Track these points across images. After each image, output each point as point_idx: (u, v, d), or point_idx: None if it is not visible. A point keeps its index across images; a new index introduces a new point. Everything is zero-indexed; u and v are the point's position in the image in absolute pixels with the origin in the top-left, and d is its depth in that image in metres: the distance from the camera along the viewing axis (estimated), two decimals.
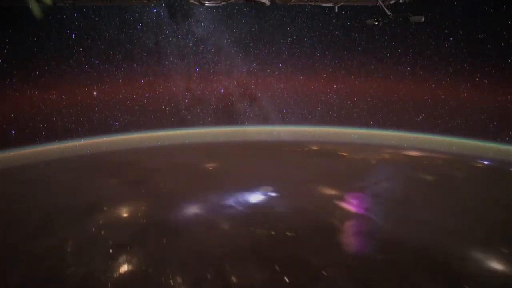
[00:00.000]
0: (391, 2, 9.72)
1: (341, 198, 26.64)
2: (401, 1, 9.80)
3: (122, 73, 49.58)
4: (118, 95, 50.70)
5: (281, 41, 51.57)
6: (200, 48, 50.40)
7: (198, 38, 49.22)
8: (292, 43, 51.77)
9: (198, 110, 53.52)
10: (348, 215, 23.91)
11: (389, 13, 9.67)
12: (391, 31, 48.21)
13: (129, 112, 52.08)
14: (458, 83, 48.03)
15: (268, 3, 8.65)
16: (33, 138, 49.80)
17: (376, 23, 9.87)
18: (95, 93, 49.85)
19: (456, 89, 48.44)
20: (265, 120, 54.29)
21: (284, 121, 54.24)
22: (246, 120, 53.95)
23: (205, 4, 8.24)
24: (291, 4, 8.83)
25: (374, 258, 17.73)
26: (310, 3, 9.14)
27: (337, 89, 52.77)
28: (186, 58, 50.50)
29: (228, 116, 54.35)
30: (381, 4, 9.49)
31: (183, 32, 49.81)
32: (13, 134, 47.83)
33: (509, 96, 45.20)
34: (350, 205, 25.44)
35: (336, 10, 9.79)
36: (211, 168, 41.01)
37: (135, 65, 48.70)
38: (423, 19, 10.08)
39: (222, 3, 8.37)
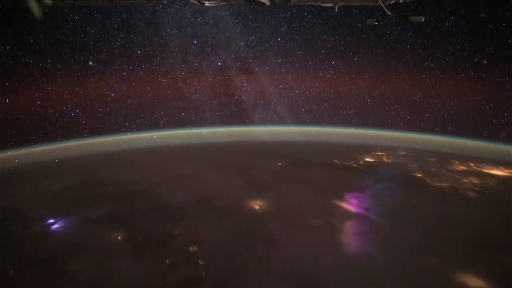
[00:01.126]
0: (391, 2, 9.67)
1: None
2: (401, 1, 9.73)
3: (118, 43, 48.89)
4: (114, 65, 50.20)
5: (280, 15, 50.76)
6: (198, 19, 49.60)
7: (196, 10, 48.30)
8: (291, 18, 50.99)
9: (195, 83, 53.22)
10: None
11: (389, 13, 9.62)
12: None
13: (125, 83, 51.72)
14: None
15: (268, 3, 8.60)
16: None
17: (376, 23, 9.82)
18: (90, 62, 49.26)
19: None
20: (262, 94, 54.14)
21: (281, 96, 54.18)
22: (242, 94, 53.81)
23: (205, 4, 8.19)
24: (291, 4, 8.77)
25: None
26: (310, 3, 9.09)
27: (335, 65, 52.49)
28: (184, 29, 49.72)
29: (225, 90, 54.16)
30: (381, 4, 9.44)
31: (180, 3, 48.82)
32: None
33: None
34: None
35: (336, 10, 9.73)
36: None
37: (131, 35, 47.92)
38: (423, 19, 10.00)
39: (222, 3, 8.32)
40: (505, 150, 46.27)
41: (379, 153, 43.93)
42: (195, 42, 50.83)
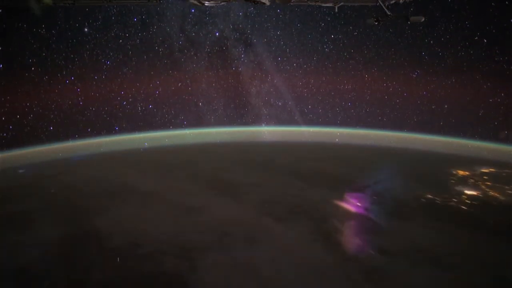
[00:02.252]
0: (391, 2, 9.62)
1: None
2: (401, 1, 9.68)
3: (114, 10, 47.81)
4: (110, 33, 49.28)
5: None
6: None
7: None
8: None
9: (192, 53, 52.53)
10: None
11: (389, 13, 9.60)
12: None
13: (121, 51, 50.96)
14: None
15: (268, 3, 8.56)
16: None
17: (376, 23, 9.82)
18: (86, 29, 48.31)
19: None
20: (260, 66, 53.65)
21: (279, 68, 53.74)
22: (240, 65, 53.32)
23: (205, 4, 8.14)
24: (292, 4, 8.73)
25: None
26: (310, 3, 9.04)
27: (334, 39, 51.84)
28: None
29: (223, 61, 53.61)
30: (381, 4, 9.40)
31: None
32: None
33: None
34: None
35: (336, 10, 9.69)
36: None
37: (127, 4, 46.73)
38: (423, 19, 9.96)
39: (222, 3, 8.27)
40: None
41: (467, 173, 33.99)
42: (192, 11, 49.84)
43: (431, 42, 48.13)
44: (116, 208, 25.66)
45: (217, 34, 51.75)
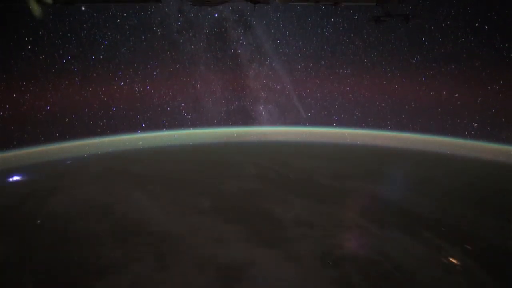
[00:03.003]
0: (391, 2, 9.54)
1: None
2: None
3: None
4: (108, 13, 48.55)
5: None
6: None
7: None
8: None
9: (191, 34, 51.91)
10: None
11: (389, 13, 9.54)
12: None
13: (119, 31, 50.31)
14: None
15: (268, 2, 8.49)
16: None
17: (376, 23, 9.79)
18: (83, 7, 47.48)
19: None
20: (258, 48, 53.17)
21: (277, 52, 53.30)
22: (239, 48, 52.81)
23: (205, 5, 8.08)
24: (292, 4, 8.66)
25: None
26: (311, 3, 8.96)
27: (334, 23, 51.21)
28: None
29: (222, 43, 53.08)
30: (381, 4, 9.33)
31: None
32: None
33: None
34: None
35: (337, 10, 9.63)
36: None
37: None
38: (422, 19, 9.87)
39: (223, 3, 8.20)
40: None
41: None
42: None
43: (432, 27, 47.68)
44: None
45: (216, 15, 51.12)
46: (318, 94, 56.15)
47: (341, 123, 55.28)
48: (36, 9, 7.60)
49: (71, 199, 28.93)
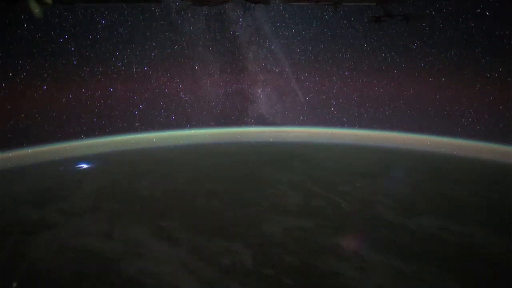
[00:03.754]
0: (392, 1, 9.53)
1: None
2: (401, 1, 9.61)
3: None
4: None
5: None
6: None
7: None
8: None
9: (189, 15, 51.23)
10: None
11: (389, 13, 9.55)
12: None
13: (116, 11, 49.58)
14: None
15: (268, 2, 8.49)
16: None
17: (376, 22, 9.82)
18: None
19: None
20: (258, 31, 52.63)
21: (277, 34, 52.76)
22: (238, 30, 52.22)
23: (204, 5, 8.07)
24: (292, 4, 8.64)
25: None
26: (311, 3, 8.95)
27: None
28: None
29: (220, 24, 52.47)
30: (382, 3, 9.32)
31: None
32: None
33: None
34: None
35: (337, 10, 9.60)
36: None
37: None
38: (423, 19, 9.87)
39: (223, 3, 8.19)
40: None
41: None
42: None
43: (432, 12, 47.19)
44: None
45: None
46: (317, 78, 55.98)
47: (338, 108, 55.32)
48: (36, 9, 7.62)
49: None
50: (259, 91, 55.74)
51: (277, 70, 54.84)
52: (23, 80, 47.88)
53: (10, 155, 45.27)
